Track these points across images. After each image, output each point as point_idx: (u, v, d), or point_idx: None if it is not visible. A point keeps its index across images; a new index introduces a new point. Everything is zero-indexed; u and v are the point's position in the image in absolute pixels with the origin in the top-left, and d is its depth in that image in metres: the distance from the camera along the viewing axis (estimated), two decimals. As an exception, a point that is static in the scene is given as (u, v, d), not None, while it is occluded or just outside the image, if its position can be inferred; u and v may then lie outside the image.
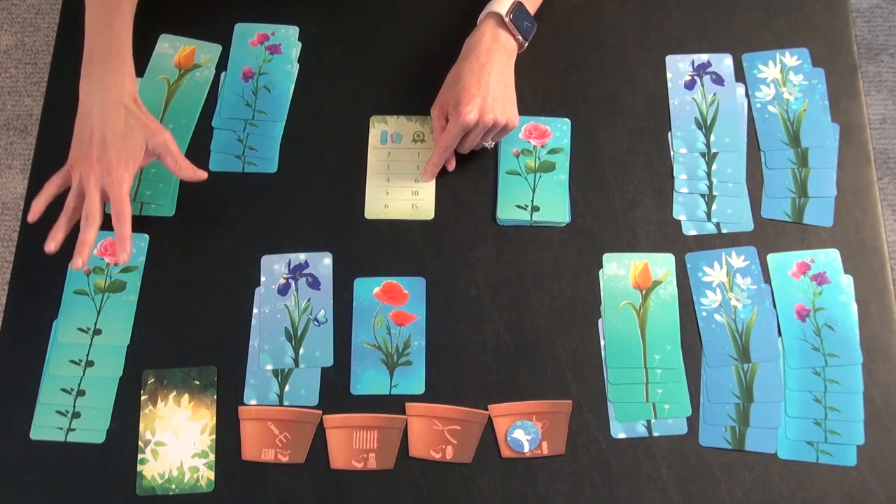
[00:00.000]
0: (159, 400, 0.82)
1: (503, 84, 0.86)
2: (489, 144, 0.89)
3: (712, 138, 0.92)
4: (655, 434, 0.81)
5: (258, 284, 0.86)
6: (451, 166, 0.90)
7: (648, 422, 0.81)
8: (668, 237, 0.88)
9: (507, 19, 0.86)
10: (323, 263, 0.87)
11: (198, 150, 0.92)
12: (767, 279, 0.86)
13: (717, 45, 0.96)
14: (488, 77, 0.84)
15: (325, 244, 0.88)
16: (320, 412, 0.82)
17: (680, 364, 0.83)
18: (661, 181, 0.90)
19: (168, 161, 0.82)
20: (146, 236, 0.88)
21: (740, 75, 0.95)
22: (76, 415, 0.82)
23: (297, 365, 0.83)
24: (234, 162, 0.91)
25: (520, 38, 0.88)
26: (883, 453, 0.80)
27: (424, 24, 0.97)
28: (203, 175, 0.84)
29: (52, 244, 0.79)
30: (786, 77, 0.94)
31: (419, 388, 0.83)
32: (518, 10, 0.87)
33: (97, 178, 0.79)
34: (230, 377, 0.83)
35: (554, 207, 0.89)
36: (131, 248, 0.79)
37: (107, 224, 0.88)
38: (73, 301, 0.86)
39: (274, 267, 0.87)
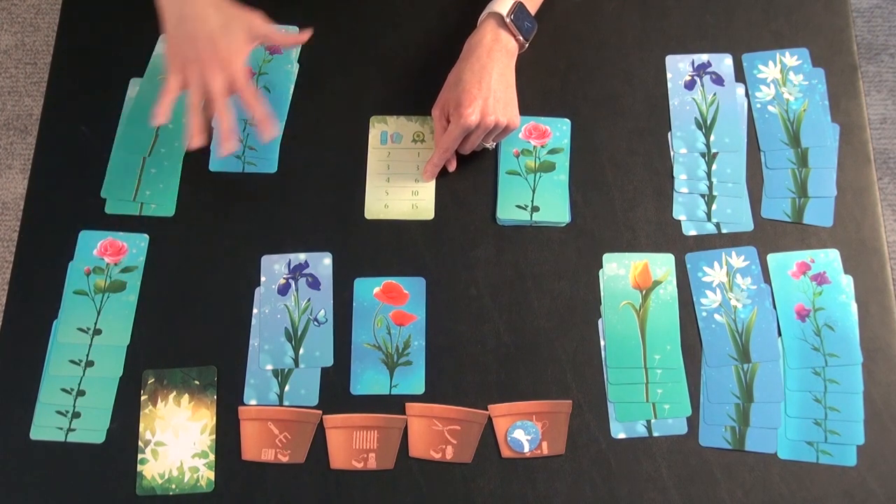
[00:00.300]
0: (159, 400, 0.82)
1: (504, 85, 0.86)
2: (490, 145, 0.89)
3: (712, 138, 0.92)
4: (655, 434, 0.81)
5: (258, 284, 0.86)
6: (452, 167, 0.90)
7: (648, 422, 0.81)
8: (668, 237, 0.88)
9: (507, 20, 0.86)
10: (323, 263, 0.87)
11: (198, 150, 0.91)
12: (767, 279, 0.86)
13: (717, 45, 0.96)
14: (489, 78, 0.84)
15: (325, 244, 0.88)
16: (320, 412, 0.82)
17: (680, 364, 0.83)
18: (661, 181, 0.90)
19: (270, 40, 0.87)
20: (146, 236, 0.88)
21: (740, 75, 0.95)
22: (76, 415, 0.82)
23: (297, 365, 0.83)
24: (234, 162, 0.91)
25: (521, 38, 0.88)
26: (883, 453, 0.80)
27: (424, 25, 0.97)
28: (305, 37, 0.89)
29: (195, 141, 0.80)
30: (786, 77, 0.94)
31: (419, 388, 0.83)
32: (519, 10, 0.87)
33: (217, 71, 0.79)
34: (230, 377, 0.83)
35: (554, 207, 0.89)
36: (276, 127, 0.82)
37: (106, 224, 0.88)
38: (72, 301, 0.86)
39: (274, 267, 0.87)
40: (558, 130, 0.92)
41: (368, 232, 0.89)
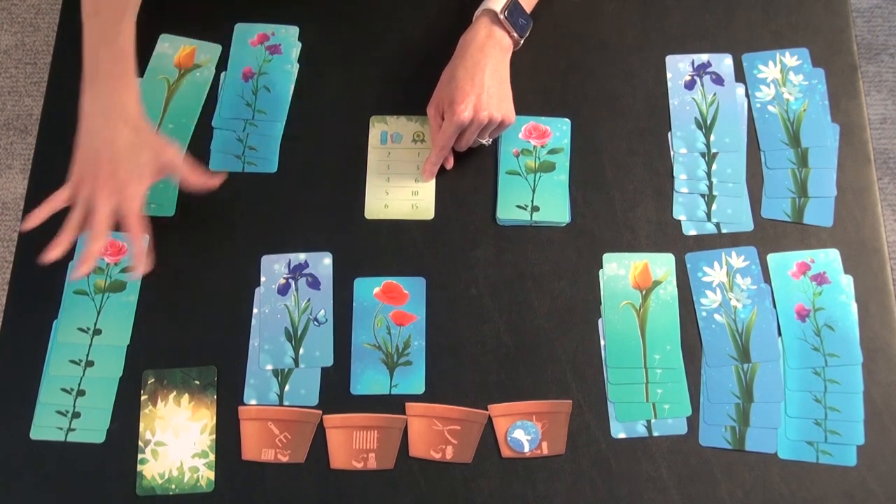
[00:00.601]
0: (159, 400, 0.82)
1: (498, 80, 0.86)
2: (486, 141, 0.89)
3: (712, 138, 0.92)
4: (655, 434, 0.81)
5: (258, 284, 0.86)
6: (450, 165, 0.90)
7: (648, 422, 0.81)
8: (668, 237, 0.88)
9: (501, 16, 0.86)
10: (323, 263, 0.87)
11: (198, 150, 0.92)
12: (767, 279, 0.86)
13: (717, 45, 0.96)
14: (482, 74, 0.84)
15: (325, 244, 0.88)
16: (320, 412, 0.82)
17: (680, 364, 0.83)
18: (661, 181, 0.90)
19: (178, 177, 0.82)
20: (146, 236, 0.88)
21: (740, 75, 0.95)
22: (76, 415, 0.82)
23: (297, 365, 0.83)
24: (234, 162, 0.91)
25: (515, 35, 0.87)
26: (883, 453, 0.80)
27: (424, 24, 0.97)
28: (216, 183, 0.84)
29: (52, 254, 0.77)
30: (786, 77, 0.94)
31: (419, 388, 0.83)
32: (513, 7, 0.87)
33: (108, 195, 0.77)
34: (230, 377, 0.83)
35: (554, 207, 0.89)
36: (148, 264, 0.81)
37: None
38: (73, 301, 0.86)
39: (274, 267, 0.87)
40: (558, 130, 0.92)
41: (368, 232, 0.89)
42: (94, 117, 0.79)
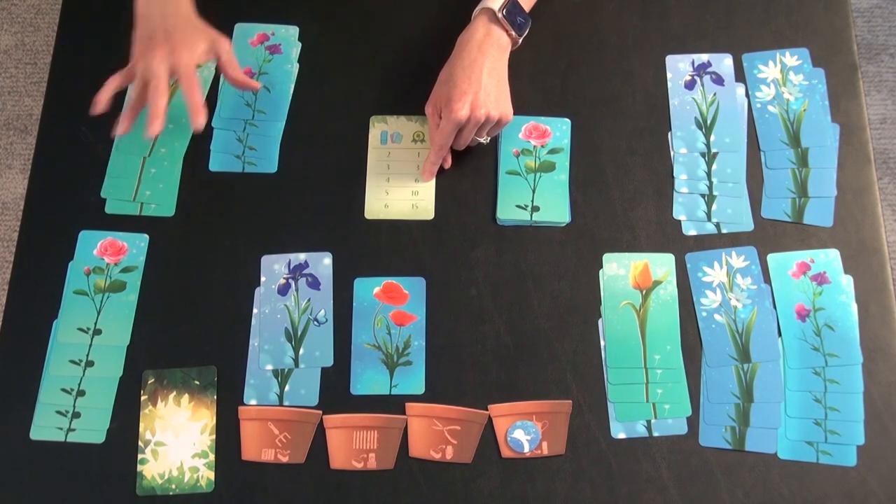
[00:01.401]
0: (159, 400, 0.82)
1: (495, 79, 0.86)
2: (485, 140, 0.89)
3: (712, 138, 0.92)
4: (655, 434, 0.81)
5: (258, 284, 0.86)
6: (448, 164, 0.90)
7: (648, 422, 0.81)
8: (668, 237, 0.88)
9: (499, 15, 0.86)
10: (323, 263, 0.87)
11: (198, 150, 0.92)
12: (767, 279, 0.86)
13: (717, 45, 0.96)
14: (479, 72, 0.84)
15: (325, 244, 0.88)
16: (320, 412, 0.82)
17: (680, 364, 0.83)
18: (661, 181, 0.90)
19: (224, 59, 0.85)
20: (146, 236, 0.88)
21: (740, 75, 0.95)
22: (76, 415, 0.82)
23: (297, 365, 0.83)
24: (234, 162, 0.91)
25: (513, 33, 0.87)
26: (883, 453, 0.80)
27: (424, 25, 0.97)
28: (257, 86, 0.90)
29: (120, 128, 0.82)
30: (786, 77, 0.94)
31: (419, 388, 0.83)
32: (511, 6, 0.87)
33: (162, 57, 0.80)
34: (230, 377, 0.83)
35: (554, 207, 0.89)
36: (204, 117, 0.81)
37: (106, 224, 0.88)
38: (73, 301, 0.86)
39: (274, 267, 0.87)
40: (558, 130, 0.92)
41: (368, 232, 0.89)
42: (148, 9, 0.83)
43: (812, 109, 0.92)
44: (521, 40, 0.89)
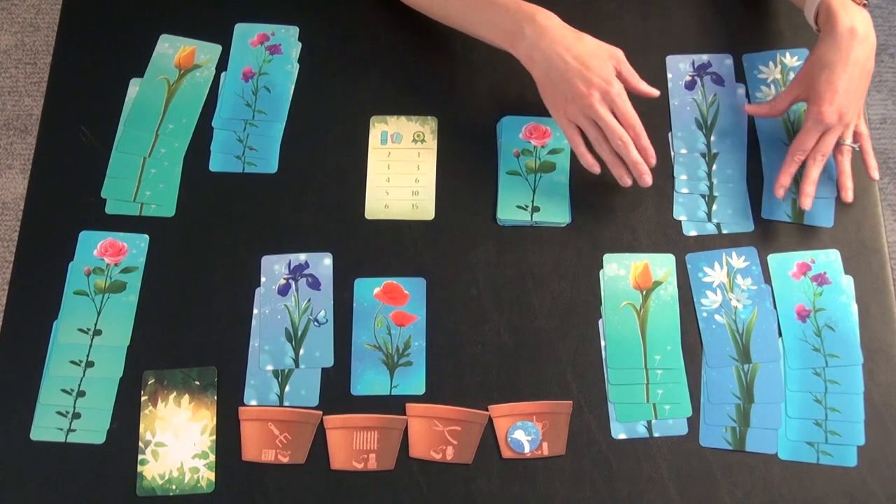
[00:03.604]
0: (159, 400, 0.82)
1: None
2: (856, 145, 0.87)
3: (713, 139, 0.92)
4: (656, 435, 0.81)
5: (258, 285, 0.86)
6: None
7: (649, 422, 0.81)
8: (668, 238, 0.88)
9: None
10: (323, 264, 0.87)
11: (198, 151, 0.92)
12: (768, 280, 0.86)
13: (718, 46, 0.96)
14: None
15: (326, 244, 0.88)
16: (320, 413, 0.82)
17: (680, 365, 0.83)
18: (661, 181, 0.90)
19: (625, 71, 0.84)
20: (146, 237, 0.88)
21: (741, 76, 0.95)
22: (76, 415, 0.82)
23: (297, 365, 0.83)
24: (234, 162, 0.91)
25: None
26: (883, 454, 0.80)
27: (424, 24, 0.97)
28: (655, 93, 0.86)
29: (626, 178, 0.85)
30: (786, 77, 0.94)
31: (419, 388, 0.83)
32: None
33: (598, 100, 0.81)
34: (230, 378, 0.83)
35: (554, 208, 0.89)
36: (654, 158, 0.83)
37: (106, 224, 0.88)
38: (73, 301, 0.85)
39: (274, 267, 0.87)
40: (558, 130, 0.92)
41: (368, 232, 0.88)
42: (538, 53, 0.83)
43: (812, 110, 0.92)
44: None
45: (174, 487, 0.79)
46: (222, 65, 0.96)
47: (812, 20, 0.87)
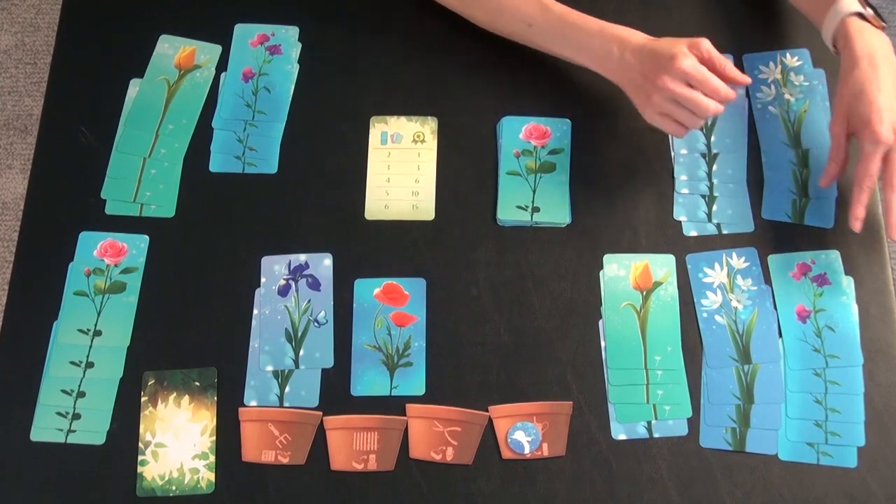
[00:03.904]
0: (159, 401, 0.82)
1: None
2: None
3: (713, 139, 0.92)
4: (656, 435, 0.81)
5: (258, 285, 0.86)
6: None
7: (649, 423, 0.81)
8: (668, 238, 0.88)
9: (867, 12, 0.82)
10: (323, 264, 0.87)
11: (198, 151, 0.92)
12: (768, 280, 0.86)
13: (718, 46, 0.95)
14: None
15: (326, 245, 0.88)
16: (321, 413, 0.82)
17: (680, 365, 0.83)
18: (661, 182, 0.90)
19: (705, 53, 0.82)
20: (146, 237, 0.88)
21: (741, 76, 0.94)
22: (76, 416, 0.82)
23: (297, 366, 0.83)
24: (234, 162, 0.91)
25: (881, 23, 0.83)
26: (884, 455, 0.80)
27: (424, 24, 0.97)
28: (748, 80, 0.84)
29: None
30: (786, 78, 0.94)
31: (420, 389, 0.83)
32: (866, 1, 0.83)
33: (670, 80, 0.80)
34: (230, 378, 0.83)
35: (554, 208, 0.89)
36: (747, 78, 0.82)
37: (106, 225, 0.88)
38: (73, 302, 0.85)
39: (274, 268, 0.87)
40: (558, 130, 0.92)
41: (368, 232, 0.88)
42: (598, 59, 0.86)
43: (813, 110, 0.92)
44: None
45: (174, 488, 0.79)
46: (222, 65, 0.96)
47: (829, 42, 0.86)
